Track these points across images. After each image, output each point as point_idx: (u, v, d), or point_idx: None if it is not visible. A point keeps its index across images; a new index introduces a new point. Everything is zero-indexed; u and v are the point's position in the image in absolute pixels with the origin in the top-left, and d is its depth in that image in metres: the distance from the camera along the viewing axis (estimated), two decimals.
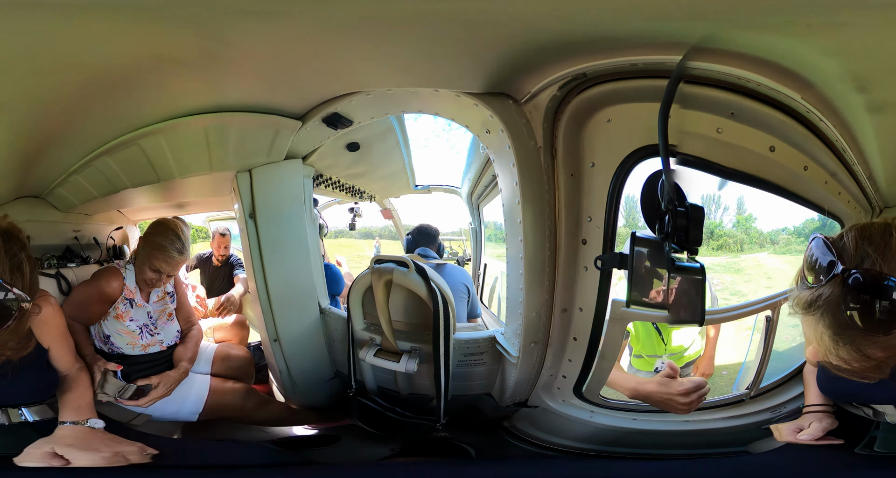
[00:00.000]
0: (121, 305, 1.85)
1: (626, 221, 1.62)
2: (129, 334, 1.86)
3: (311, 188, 2.16)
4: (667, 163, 1.21)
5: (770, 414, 1.81)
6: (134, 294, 1.87)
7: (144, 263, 1.84)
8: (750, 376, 1.87)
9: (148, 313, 1.90)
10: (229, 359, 2.18)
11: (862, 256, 1.08)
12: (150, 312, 1.91)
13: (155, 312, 1.92)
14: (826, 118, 1.34)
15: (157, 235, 1.84)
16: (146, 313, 1.90)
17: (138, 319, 1.88)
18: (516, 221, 1.62)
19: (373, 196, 3.19)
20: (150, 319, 1.91)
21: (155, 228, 1.87)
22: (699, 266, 1.21)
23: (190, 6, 1.09)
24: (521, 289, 1.67)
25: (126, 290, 1.85)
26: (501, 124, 1.57)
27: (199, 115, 1.65)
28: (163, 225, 1.87)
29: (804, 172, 1.44)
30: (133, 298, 1.87)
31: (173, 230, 1.86)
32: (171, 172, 1.81)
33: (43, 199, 2.02)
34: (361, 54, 1.38)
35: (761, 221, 3.54)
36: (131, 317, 1.86)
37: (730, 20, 1.14)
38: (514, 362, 1.76)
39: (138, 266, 1.86)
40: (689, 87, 1.32)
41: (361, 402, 2.12)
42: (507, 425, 2.03)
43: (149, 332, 1.90)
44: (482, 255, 3.56)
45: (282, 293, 2.04)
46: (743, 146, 1.38)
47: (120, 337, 1.86)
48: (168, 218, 1.95)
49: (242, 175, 1.89)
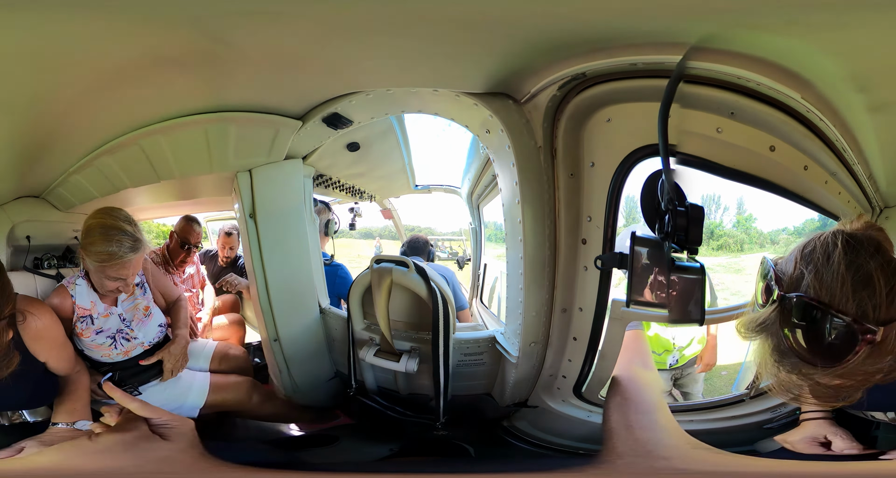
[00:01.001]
0: (79, 324, 1.69)
1: (626, 221, 1.62)
2: (100, 348, 1.74)
3: (312, 188, 2.16)
4: (667, 163, 1.21)
5: (770, 414, 1.80)
6: (91, 309, 1.70)
7: (100, 277, 1.61)
8: (750, 375, 1.87)
9: (120, 316, 1.76)
10: (228, 359, 2.17)
11: (798, 277, 0.96)
12: (122, 315, 1.76)
13: (128, 313, 1.78)
14: (826, 118, 1.34)
15: (95, 242, 1.57)
16: (118, 318, 1.75)
17: (109, 329, 1.73)
18: (516, 221, 1.62)
19: (373, 196, 3.19)
20: (125, 323, 1.77)
21: (89, 232, 1.59)
22: (699, 266, 1.21)
23: (190, 6, 1.09)
24: (521, 289, 1.67)
25: (78, 308, 1.68)
26: (501, 124, 1.57)
27: (199, 115, 1.64)
28: (98, 226, 1.58)
29: (804, 171, 1.43)
30: (91, 313, 1.70)
31: (113, 226, 1.58)
32: (171, 172, 1.81)
33: (43, 198, 2.02)
34: (361, 54, 1.38)
35: (761, 221, 3.54)
36: (95, 331, 1.72)
37: (730, 20, 1.14)
38: (514, 362, 1.76)
39: (95, 281, 1.65)
40: (689, 87, 1.31)
41: (361, 401, 2.12)
42: (506, 425, 2.03)
43: (124, 337, 1.76)
44: (482, 255, 3.56)
45: (282, 293, 2.03)
46: (743, 146, 1.38)
47: (91, 351, 1.75)
48: (99, 211, 1.64)
49: (242, 175, 1.89)
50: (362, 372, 2.08)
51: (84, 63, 1.25)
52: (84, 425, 1.52)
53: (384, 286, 1.90)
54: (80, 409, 1.55)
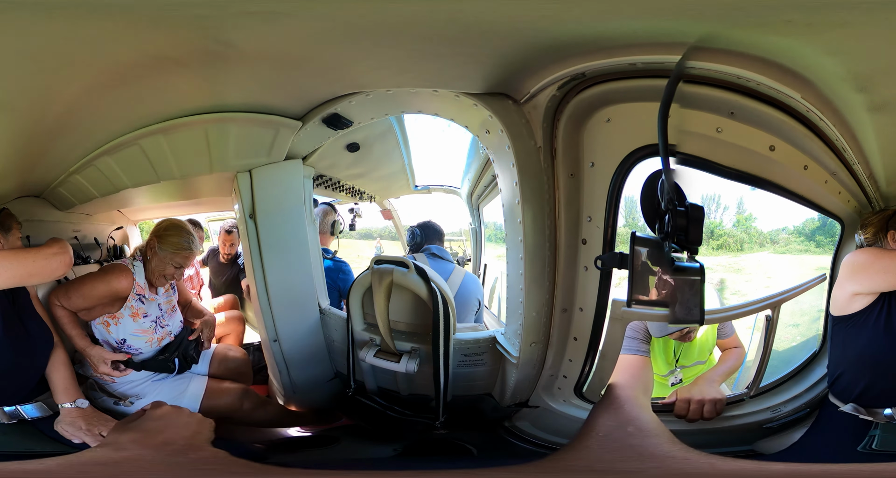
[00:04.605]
0: (134, 303, 1.88)
1: (626, 221, 1.62)
2: (146, 332, 1.90)
3: (312, 188, 2.16)
4: (666, 162, 1.21)
5: (770, 414, 1.81)
6: (144, 290, 1.92)
7: (166, 262, 1.92)
8: (750, 375, 1.88)
9: (159, 306, 1.95)
10: (227, 360, 2.18)
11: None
12: (161, 305, 1.96)
13: (164, 305, 1.98)
14: (826, 117, 1.34)
15: (174, 235, 1.93)
16: (157, 306, 1.95)
17: (151, 314, 1.92)
18: (516, 221, 1.62)
19: (373, 196, 3.19)
20: (161, 312, 1.96)
21: (170, 229, 1.96)
22: (699, 266, 1.21)
23: (191, 7, 1.09)
24: (521, 289, 1.67)
25: (137, 286, 1.89)
26: (501, 124, 1.57)
27: (199, 115, 1.64)
28: (176, 225, 1.97)
29: (804, 171, 1.44)
30: (144, 293, 1.91)
31: (185, 229, 1.97)
32: (172, 172, 1.81)
33: (43, 198, 2.03)
34: (361, 54, 1.38)
35: (761, 221, 3.55)
36: (145, 312, 1.90)
37: (729, 20, 1.14)
38: (515, 362, 1.76)
39: (156, 265, 1.92)
40: (689, 87, 1.32)
41: (360, 402, 2.12)
42: (507, 425, 2.03)
43: (160, 325, 1.94)
44: (482, 255, 3.56)
45: (282, 293, 2.03)
46: (743, 146, 1.38)
47: (136, 338, 1.89)
48: (174, 219, 2.05)
49: (243, 175, 1.89)
50: (362, 373, 2.08)
51: (84, 63, 1.24)
52: (83, 404, 1.68)
53: (384, 287, 1.90)
54: (71, 388, 1.69)
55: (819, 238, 3.11)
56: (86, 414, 1.66)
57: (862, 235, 1.62)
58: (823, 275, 1.78)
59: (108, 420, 1.67)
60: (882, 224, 1.58)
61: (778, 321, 1.79)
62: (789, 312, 1.84)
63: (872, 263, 1.55)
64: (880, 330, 1.52)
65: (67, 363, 1.72)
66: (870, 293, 1.54)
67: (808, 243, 3.25)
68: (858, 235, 1.63)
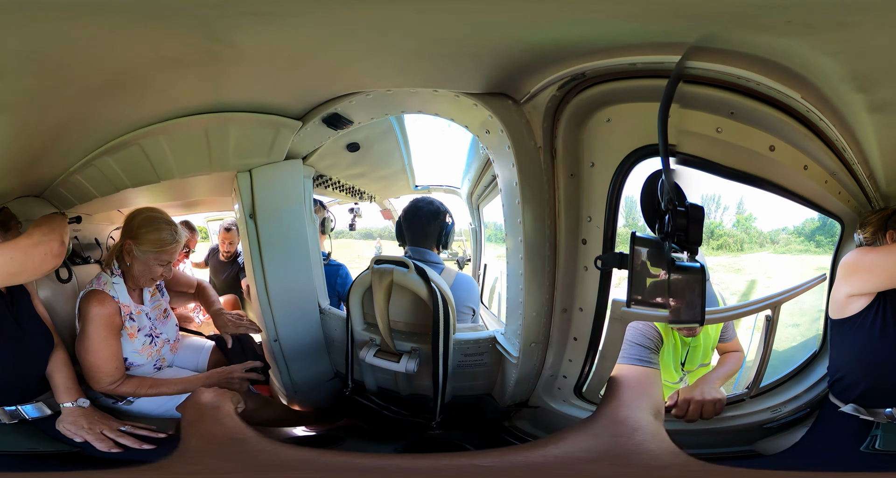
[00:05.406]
0: (127, 324, 1.76)
1: (626, 221, 1.62)
2: (146, 348, 1.81)
3: (312, 188, 2.16)
4: (666, 162, 1.21)
5: (770, 414, 1.80)
6: (130, 307, 1.78)
7: (150, 264, 1.77)
8: (750, 375, 1.87)
9: (147, 315, 1.84)
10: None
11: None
12: (149, 314, 1.84)
13: (152, 312, 1.86)
14: (826, 117, 1.34)
15: (152, 232, 1.77)
16: (146, 316, 1.83)
17: (144, 328, 1.82)
18: (516, 221, 1.62)
19: (373, 196, 3.19)
20: (151, 321, 1.84)
21: (144, 224, 1.78)
22: (699, 266, 1.21)
23: (191, 7, 1.09)
24: (521, 289, 1.67)
25: (122, 307, 1.76)
26: (501, 125, 1.57)
27: (199, 115, 1.64)
28: (150, 218, 1.78)
29: (804, 171, 1.44)
30: (131, 311, 1.78)
31: (162, 219, 1.79)
32: (171, 172, 1.81)
33: (43, 198, 2.02)
34: (361, 54, 1.38)
35: (761, 221, 3.54)
36: (138, 327, 1.80)
37: (729, 20, 1.14)
38: (515, 363, 1.76)
39: (140, 271, 1.78)
40: (689, 87, 1.32)
41: (358, 401, 2.12)
42: (507, 426, 2.03)
43: (154, 335, 1.84)
44: (482, 255, 3.56)
45: (282, 293, 2.03)
46: (743, 146, 1.38)
47: (138, 355, 1.80)
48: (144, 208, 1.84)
49: (242, 175, 1.89)
50: (362, 372, 2.08)
51: (84, 63, 1.24)
52: (85, 403, 1.65)
53: (384, 287, 1.90)
54: (72, 387, 1.67)
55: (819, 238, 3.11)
56: (87, 413, 1.64)
57: (861, 234, 1.61)
58: (823, 275, 1.78)
59: (109, 419, 1.64)
60: (881, 223, 1.58)
61: (778, 321, 1.79)
62: (789, 313, 1.84)
63: (860, 262, 1.54)
64: (877, 333, 1.52)
65: (68, 363, 1.70)
66: (863, 294, 1.53)
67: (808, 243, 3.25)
68: (858, 234, 1.62)
